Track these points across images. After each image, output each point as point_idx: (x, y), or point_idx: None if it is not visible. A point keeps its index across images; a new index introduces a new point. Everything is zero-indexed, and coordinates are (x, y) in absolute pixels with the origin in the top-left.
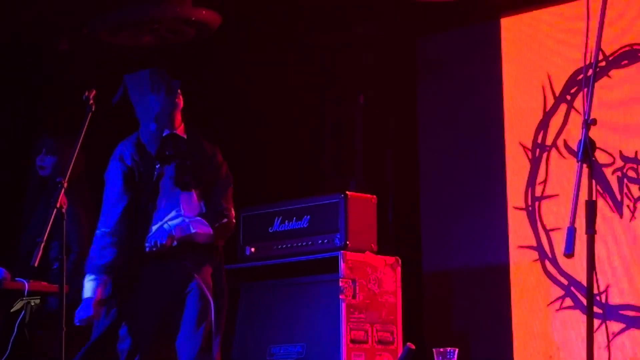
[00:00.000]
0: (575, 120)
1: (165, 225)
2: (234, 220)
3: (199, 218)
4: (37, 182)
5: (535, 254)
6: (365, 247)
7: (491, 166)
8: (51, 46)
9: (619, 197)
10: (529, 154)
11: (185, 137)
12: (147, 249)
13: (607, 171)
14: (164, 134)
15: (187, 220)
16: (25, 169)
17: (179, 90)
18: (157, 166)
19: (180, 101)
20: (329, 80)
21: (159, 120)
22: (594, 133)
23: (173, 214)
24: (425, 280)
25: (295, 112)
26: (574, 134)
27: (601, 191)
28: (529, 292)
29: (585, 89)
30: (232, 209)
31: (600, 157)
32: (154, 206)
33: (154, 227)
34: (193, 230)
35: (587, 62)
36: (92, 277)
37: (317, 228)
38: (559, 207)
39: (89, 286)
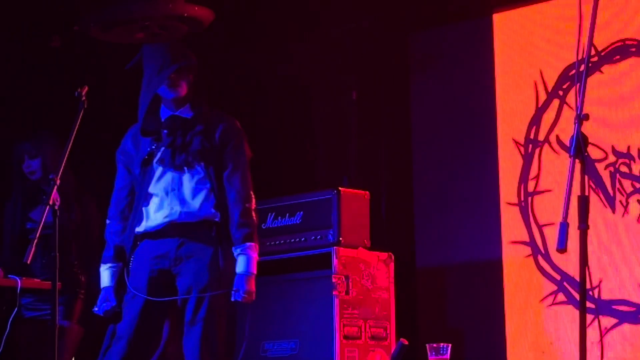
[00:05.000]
0: (568, 115)
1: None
2: (253, 206)
3: (248, 245)
4: (28, 187)
5: (528, 250)
6: (359, 243)
7: (484, 162)
8: (43, 43)
9: (611, 192)
10: (522, 149)
11: (188, 116)
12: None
13: (600, 166)
14: (165, 116)
15: (245, 255)
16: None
17: (171, 75)
18: (152, 147)
19: (176, 88)
20: (322, 76)
21: (150, 100)
22: (586, 128)
23: (171, 196)
24: (418, 276)
25: (287, 108)
26: (566, 130)
27: (594, 186)
28: (522, 287)
29: (578, 85)
30: (251, 192)
31: (593, 152)
32: (147, 188)
33: (151, 210)
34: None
35: (579, 57)
36: (107, 265)
37: (310, 224)
38: (552, 202)
39: (105, 275)
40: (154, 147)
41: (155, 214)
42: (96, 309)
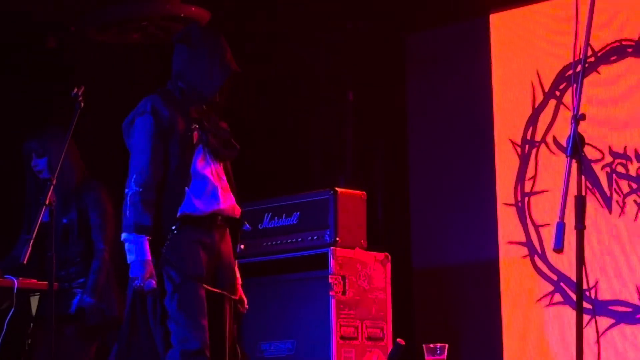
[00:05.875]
0: (565, 116)
1: None
2: None
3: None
4: (38, 185)
5: (524, 250)
6: (355, 244)
7: (480, 162)
8: (39, 44)
9: (608, 192)
10: (518, 149)
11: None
12: None
13: (597, 167)
14: (201, 100)
15: None
16: (16, 166)
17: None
18: (192, 127)
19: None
20: (318, 76)
21: (205, 86)
22: (583, 129)
23: (210, 186)
24: (415, 277)
25: (284, 109)
26: (563, 130)
27: (590, 187)
28: (519, 287)
29: (575, 85)
30: None
31: (590, 152)
32: (189, 172)
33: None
34: None
35: (576, 58)
36: (145, 237)
37: (306, 224)
38: (549, 202)
39: (143, 246)
40: (193, 127)
41: (202, 200)
42: (139, 283)
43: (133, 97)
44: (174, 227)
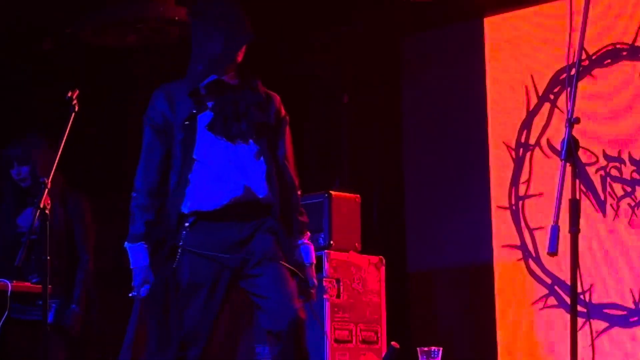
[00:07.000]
0: (559, 119)
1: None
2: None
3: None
4: (18, 193)
5: (519, 253)
6: (349, 247)
7: (475, 165)
8: (35, 46)
9: (602, 196)
10: (513, 153)
11: (233, 82)
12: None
13: (591, 170)
14: (208, 79)
15: (308, 247)
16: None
17: (243, 47)
18: (193, 111)
19: (240, 57)
20: (313, 79)
21: (209, 64)
22: (577, 132)
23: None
24: (409, 280)
25: None
26: (557, 133)
27: (584, 190)
28: (513, 291)
29: (569, 88)
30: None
31: (584, 156)
32: (191, 158)
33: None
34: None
35: (570, 61)
36: (140, 243)
37: None
38: (543, 206)
39: (140, 252)
40: (194, 110)
41: (209, 188)
42: (134, 293)
43: (129, 100)
44: (187, 224)
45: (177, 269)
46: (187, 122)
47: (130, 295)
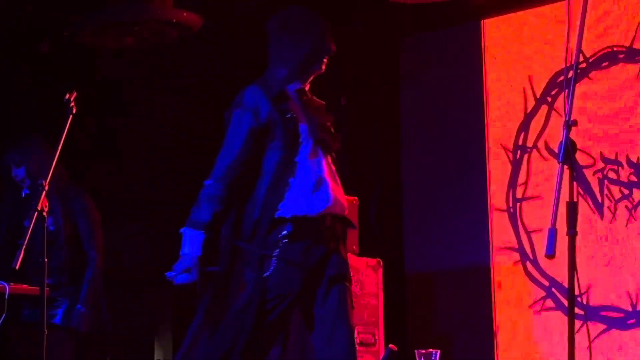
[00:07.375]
0: (556, 121)
1: None
2: None
3: None
4: (20, 195)
5: (516, 256)
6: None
7: (473, 168)
8: (34, 47)
9: (599, 198)
10: (510, 155)
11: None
12: None
13: (588, 172)
14: (294, 87)
15: None
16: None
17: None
18: (289, 115)
19: (323, 67)
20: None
21: (296, 69)
22: (574, 134)
23: (317, 181)
24: (407, 282)
25: None
26: (554, 136)
27: (582, 192)
28: (511, 293)
29: (566, 91)
30: None
31: (581, 158)
32: (294, 161)
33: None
34: None
35: (568, 63)
36: (201, 232)
37: None
38: (540, 208)
39: (195, 241)
40: (288, 115)
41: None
42: (172, 274)
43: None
44: (284, 232)
45: (268, 277)
46: (290, 126)
47: (166, 274)
